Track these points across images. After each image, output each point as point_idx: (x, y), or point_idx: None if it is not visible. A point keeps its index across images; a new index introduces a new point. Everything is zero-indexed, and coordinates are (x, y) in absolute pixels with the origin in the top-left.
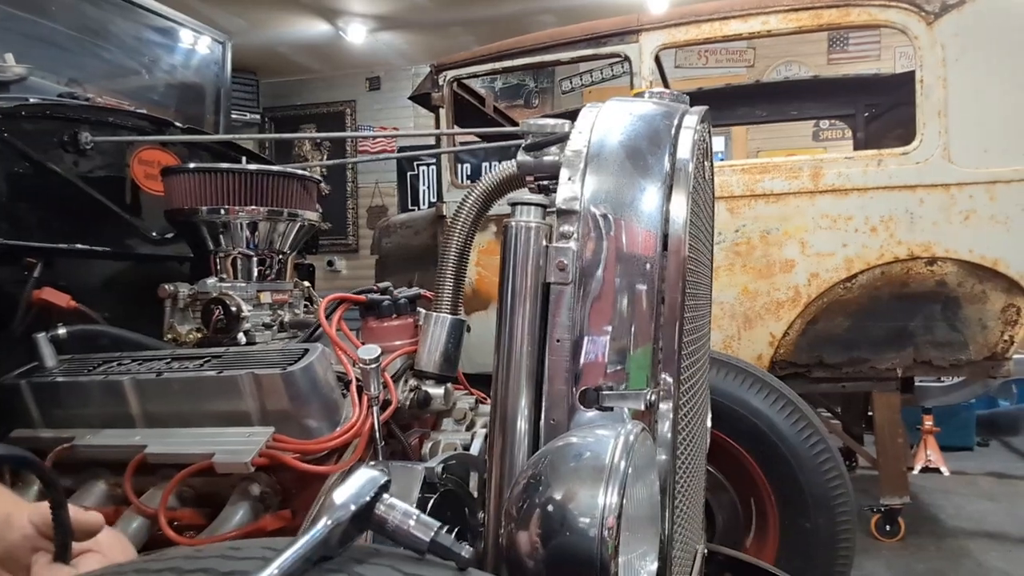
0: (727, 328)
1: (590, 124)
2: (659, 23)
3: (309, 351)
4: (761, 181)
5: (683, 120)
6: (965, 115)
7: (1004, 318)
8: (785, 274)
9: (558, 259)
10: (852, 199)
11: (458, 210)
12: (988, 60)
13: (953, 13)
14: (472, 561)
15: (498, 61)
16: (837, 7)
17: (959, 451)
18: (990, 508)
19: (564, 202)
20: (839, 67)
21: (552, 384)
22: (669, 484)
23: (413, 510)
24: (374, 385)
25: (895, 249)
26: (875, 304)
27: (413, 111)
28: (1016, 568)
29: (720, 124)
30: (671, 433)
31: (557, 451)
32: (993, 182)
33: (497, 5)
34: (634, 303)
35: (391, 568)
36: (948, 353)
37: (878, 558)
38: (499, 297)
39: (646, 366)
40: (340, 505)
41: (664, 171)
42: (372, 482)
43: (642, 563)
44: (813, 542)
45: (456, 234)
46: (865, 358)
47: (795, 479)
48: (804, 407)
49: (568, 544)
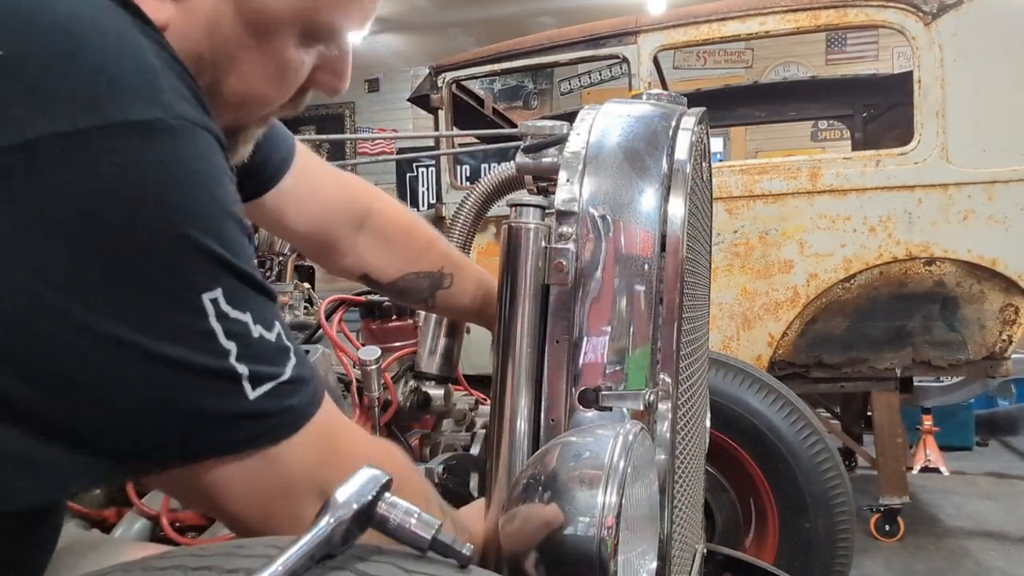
0: (726, 328)
1: (588, 126)
2: (657, 24)
3: (309, 352)
4: (760, 182)
5: (681, 121)
6: (963, 115)
7: (1002, 318)
8: (784, 274)
9: (557, 260)
10: (850, 199)
11: (457, 211)
12: (986, 60)
13: (951, 13)
14: (473, 559)
15: (497, 63)
16: (835, 8)
17: (958, 451)
18: (990, 508)
19: (563, 203)
20: (837, 67)
21: (551, 384)
22: (668, 484)
23: (414, 508)
24: (375, 386)
25: (893, 249)
26: (874, 304)
27: (412, 113)
28: (1016, 568)
29: (718, 125)
30: (670, 433)
31: (556, 451)
32: (992, 182)
33: (496, 7)
34: (633, 304)
35: (393, 565)
36: (947, 353)
37: (877, 558)
38: (498, 298)
39: (645, 366)
40: (342, 504)
41: (662, 172)
42: (374, 481)
43: (641, 562)
44: (812, 542)
45: (456, 235)
46: (864, 358)
47: (794, 479)
48: (803, 407)
49: (568, 543)
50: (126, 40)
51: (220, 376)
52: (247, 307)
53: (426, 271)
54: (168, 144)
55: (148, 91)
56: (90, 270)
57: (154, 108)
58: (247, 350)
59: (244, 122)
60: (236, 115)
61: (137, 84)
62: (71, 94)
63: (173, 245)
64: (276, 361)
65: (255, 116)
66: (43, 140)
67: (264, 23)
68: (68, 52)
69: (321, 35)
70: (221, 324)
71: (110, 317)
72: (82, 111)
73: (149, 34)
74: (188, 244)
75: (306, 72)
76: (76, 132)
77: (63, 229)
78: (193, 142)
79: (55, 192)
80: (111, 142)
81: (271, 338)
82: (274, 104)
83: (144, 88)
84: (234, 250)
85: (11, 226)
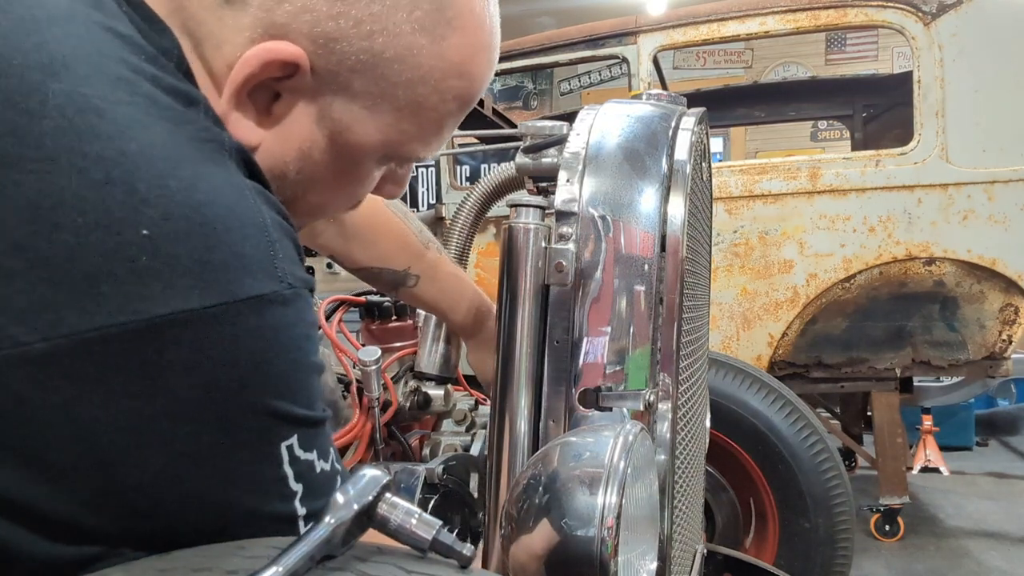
0: (726, 328)
1: (588, 126)
2: (657, 25)
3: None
4: (759, 182)
5: (680, 122)
6: (963, 115)
7: (1002, 318)
8: (784, 274)
9: (557, 260)
10: (850, 199)
11: (457, 212)
12: (986, 60)
13: (951, 13)
14: (473, 559)
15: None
16: (834, 8)
17: (958, 451)
18: (990, 508)
19: (563, 204)
20: (837, 67)
21: (551, 385)
22: (668, 484)
23: (415, 509)
24: (375, 387)
25: (893, 249)
26: (873, 304)
27: None
28: (1016, 568)
29: (718, 125)
30: (670, 433)
31: (557, 451)
32: (991, 182)
33: None
34: (633, 304)
35: (394, 566)
36: (946, 353)
37: (878, 558)
38: (498, 299)
39: (645, 366)
40: (343, 504)
41: (662, 173)
42: (374, 481)
43: (642, 562)
44: (812, 542)
45: (455, 236)
46: (864, 358)
47: (794, 479)
48: (803, 407)
49: (568, 543)
50: (254, 217)
51: (283, 520)
52: (313, 446)
53: (390, 268)
54: (279, 313)
55: (268, 265)
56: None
57: (271, 281)
58: (310, 489)
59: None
60: (303, 221)
61: (260, 260)
62: (202, 275)
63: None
64: (328, 490)
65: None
66: (170, 316)
67: (353, 153)
68: (204, 235)
69: (399, 160)
70: (293, 468)
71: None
72: (210, 291)
73: (268, 199)
74: (278, 406)
75: (375, 184)
76: (201, 308)
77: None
78: (296, 307)
79: (175, 367)
80: (231, 317)
81: (327, 468)
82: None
83: (266, 263)
84: (311, 400)
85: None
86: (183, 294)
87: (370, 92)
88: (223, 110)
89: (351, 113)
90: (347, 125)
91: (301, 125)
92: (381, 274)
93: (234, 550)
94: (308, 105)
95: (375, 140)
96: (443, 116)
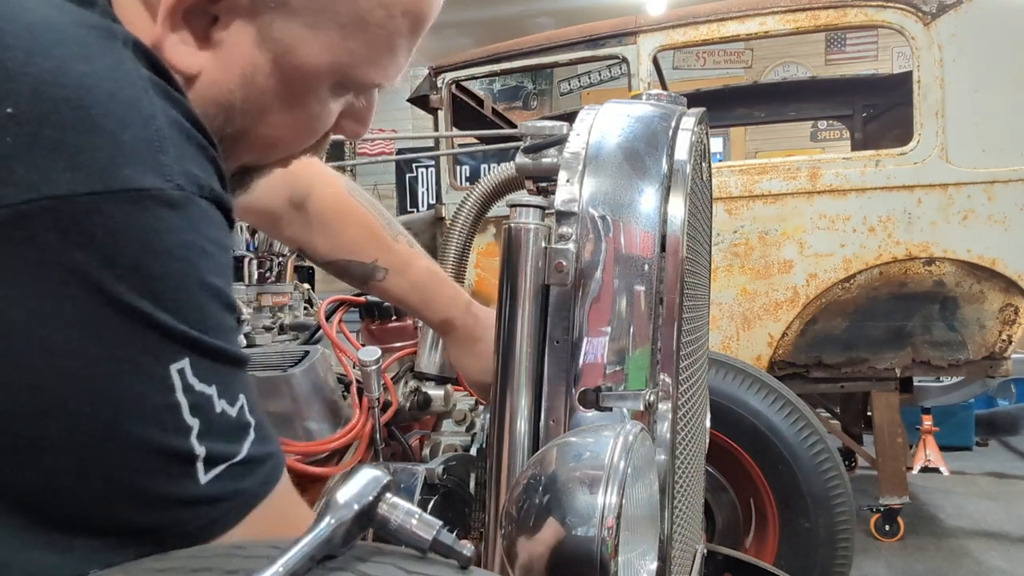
0: (726, 328)
1: (588, 126)
2: (657, 25)
3: (309, 353)
4: (759, 182)
5: (680, 122)
6: (963, 115)
7: (1002, 318)
8: (784, 274)
9: (557, 260)
10: (850, 199)
11: (457, 212)
12: (985, 60)
13: (950, 13)
14: (473, 559)
15: (496, 63)
16: (834, 8)
17: (958, 451)
18: (990, 508)
19: (563, 204)
20: (837, 68)
21: (551, 385)
22: (668, 484)
23: (415, 509)
24: (375, 387)
25: (893, 249)
26: (873, 304)
27: (411, 113)
28: (1016, 568)
29: (718, 125)
30: (670, 433)
31: (557, 451)
32: (991, 182)
33: (495, 7)
34: (633, 304)
35: (394, 566)
36: (946, 353)
37: (878, 558)
38: (499, 299)
39: (645, 367)
40: (343, 504)
41: (661, 173)
42: (375, 482)
43: (642, 562)
44: (812, 542)
45: (455, 236)
46: (864, 358)
47: (794, 479)
48: (803, 407)
49: (568, 543)
50: (138, 105)
51: (179, 458)
52: (213, 380)
53: (358, 260)
54: (162, 213)
55: (151, 158)
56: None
57: (154, 176)
58: (208, 427)
59: (265, 163)
60: (259, 157)
61: (141, 151)
62: (72, 158)
63: (147, 316)
64: (234, 438)
65: (277, 158)
66: (39, 202)
67: (301, 77)
68: (77, 117)
69: (354, 87)
70: (187, 397)
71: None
72: (82, 177)
73: (168, 95)
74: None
75: (333, 119)
76: (73, 196)
77: (50, 289)
78: (187, 214)
79: (45, 254)
80: (107, 208)
81: (232, 413)
82: (298, 149)
83: (148, 155)
84: (206, 322)
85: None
86: (50, 179)
87: (309, 7)
88: (158, 35)
89: (292, 32)
90: (290, 46)
91: (241, 48)
92: (349, 267)
93: (233, 550)
94: (246, 26)
95: (322, 62)
96: (392, 34)
